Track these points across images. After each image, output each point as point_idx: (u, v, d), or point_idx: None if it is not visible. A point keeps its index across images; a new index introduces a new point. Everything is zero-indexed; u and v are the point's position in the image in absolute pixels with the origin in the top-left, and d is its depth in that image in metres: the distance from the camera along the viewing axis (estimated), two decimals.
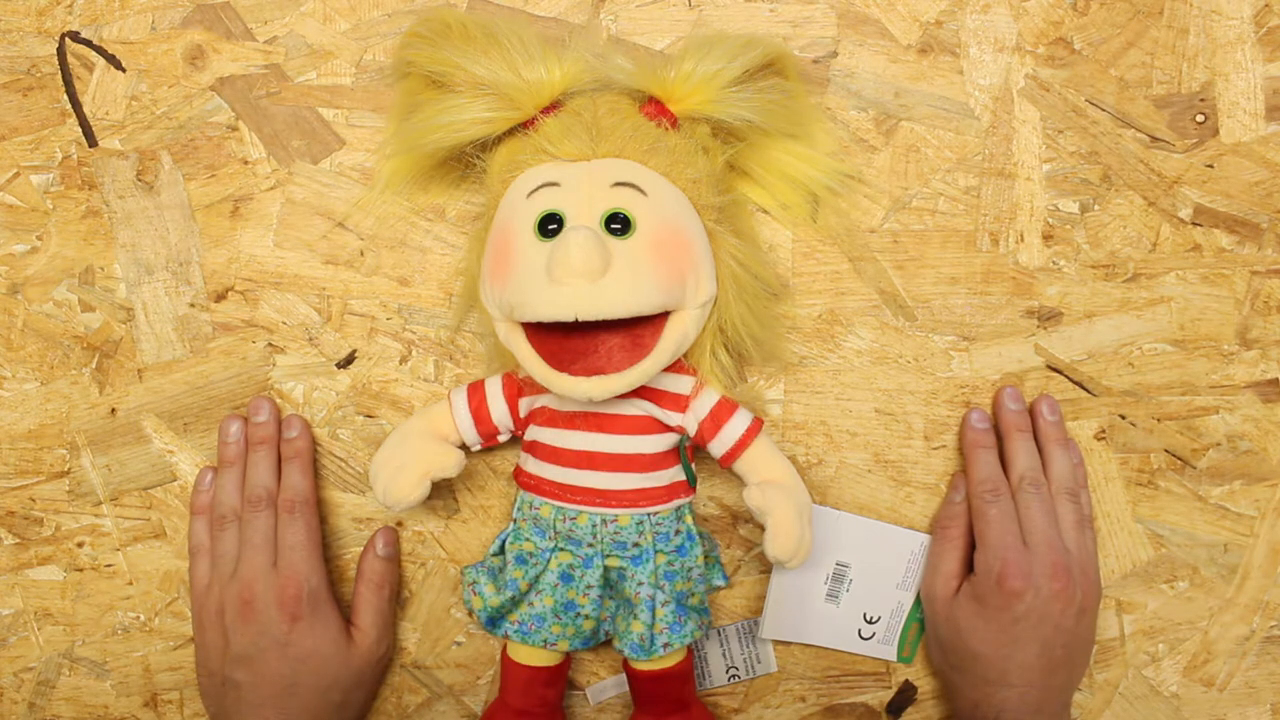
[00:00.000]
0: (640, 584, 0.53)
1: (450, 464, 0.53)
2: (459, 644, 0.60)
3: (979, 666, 0.54)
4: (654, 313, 0.48)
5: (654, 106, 0.51)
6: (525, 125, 0.51)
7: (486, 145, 0.52)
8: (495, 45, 0.50)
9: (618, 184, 0.48)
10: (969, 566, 0.57)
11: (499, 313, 0.50)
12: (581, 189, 0.48)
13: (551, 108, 0.50)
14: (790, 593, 0.58)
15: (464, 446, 0.55)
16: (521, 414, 0.55)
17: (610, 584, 0.54)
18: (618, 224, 0.47)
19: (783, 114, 0.53)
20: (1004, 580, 0.53)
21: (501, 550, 0.56)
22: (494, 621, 0.55)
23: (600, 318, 0.46)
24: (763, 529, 0.52)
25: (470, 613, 0.58)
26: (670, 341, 0.49)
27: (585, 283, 0.45)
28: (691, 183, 0.50)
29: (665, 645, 0.53)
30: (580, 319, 0.46)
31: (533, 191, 0.49)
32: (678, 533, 0.54)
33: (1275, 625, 0.60)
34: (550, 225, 0.48)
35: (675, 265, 0.48)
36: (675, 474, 0.53)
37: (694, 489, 0.54)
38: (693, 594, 0.55)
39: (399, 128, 0.55)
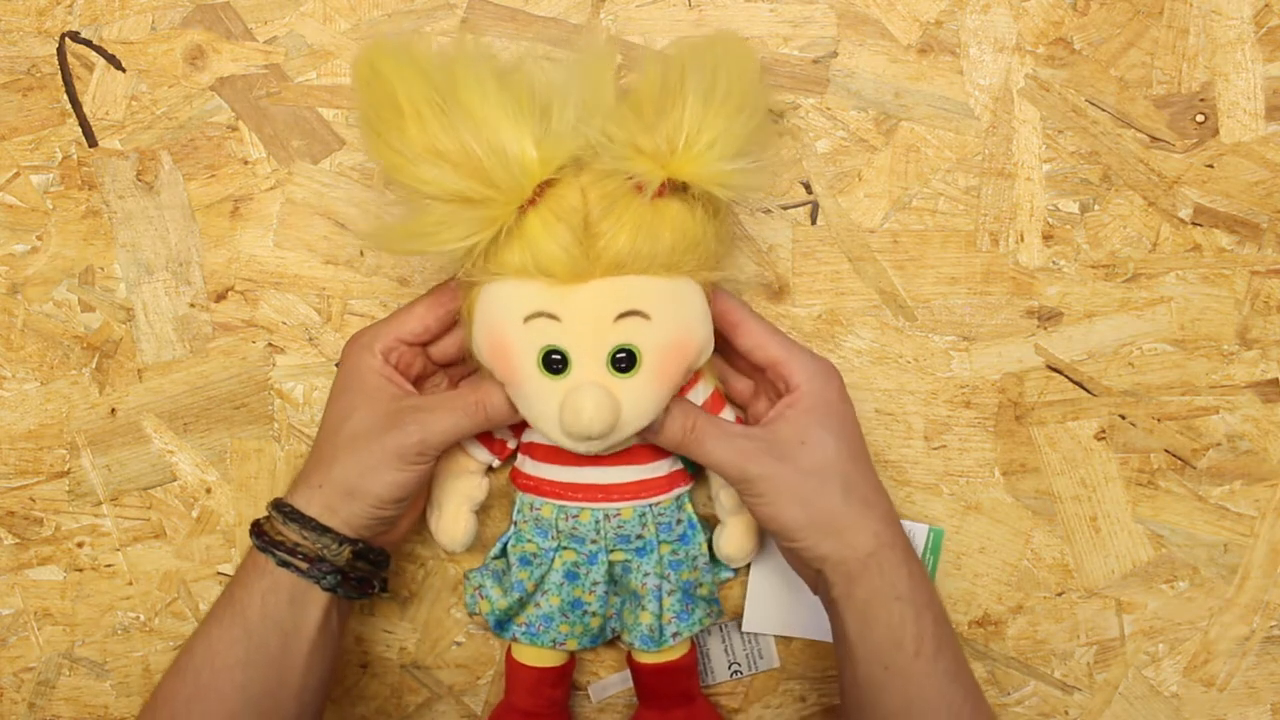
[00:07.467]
0: (646, 575, 0.53)
1: (476, 488, 0.56)
2: (459, 644, 0.60)
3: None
4: None
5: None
6: None
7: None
8: (455, 135, 0.44)
9: (622, 316, 0.47)
10: None
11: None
12: (585, 328, 0.47)
13: (532, 200, 0.46)
14: (772, 585, 0.58)
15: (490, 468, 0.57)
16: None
17: (615, 579, 0.54)
18: (622, 355, 0.47)
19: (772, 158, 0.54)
20: None
21: (503, 553, 0.56)
22: (502, 625, 0.55)
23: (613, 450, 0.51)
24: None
25: (471, 615, 0.58)
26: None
27: (598, 440, 0.48)
28: (695, 269, 0.49)
29: (674, 635, 0.53)
30: (595, 454, 0.50)
31: (530, 318, 0.47)
32: (679, 522, 0.54)
33: (1275, 625, 0.60)
34: (554, 357, 0.47)
35: (679, 372, 0.49)
36: (674, 463, 0.54)
37: (693, 476, 0.55)
38: (700, 584, 0.55)
39: (375, 230, 0.56)
